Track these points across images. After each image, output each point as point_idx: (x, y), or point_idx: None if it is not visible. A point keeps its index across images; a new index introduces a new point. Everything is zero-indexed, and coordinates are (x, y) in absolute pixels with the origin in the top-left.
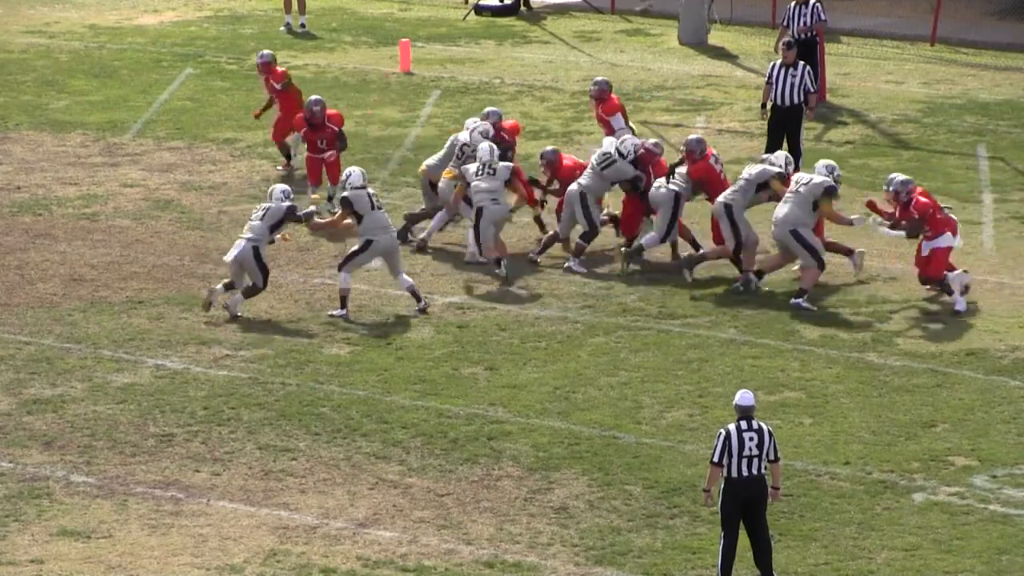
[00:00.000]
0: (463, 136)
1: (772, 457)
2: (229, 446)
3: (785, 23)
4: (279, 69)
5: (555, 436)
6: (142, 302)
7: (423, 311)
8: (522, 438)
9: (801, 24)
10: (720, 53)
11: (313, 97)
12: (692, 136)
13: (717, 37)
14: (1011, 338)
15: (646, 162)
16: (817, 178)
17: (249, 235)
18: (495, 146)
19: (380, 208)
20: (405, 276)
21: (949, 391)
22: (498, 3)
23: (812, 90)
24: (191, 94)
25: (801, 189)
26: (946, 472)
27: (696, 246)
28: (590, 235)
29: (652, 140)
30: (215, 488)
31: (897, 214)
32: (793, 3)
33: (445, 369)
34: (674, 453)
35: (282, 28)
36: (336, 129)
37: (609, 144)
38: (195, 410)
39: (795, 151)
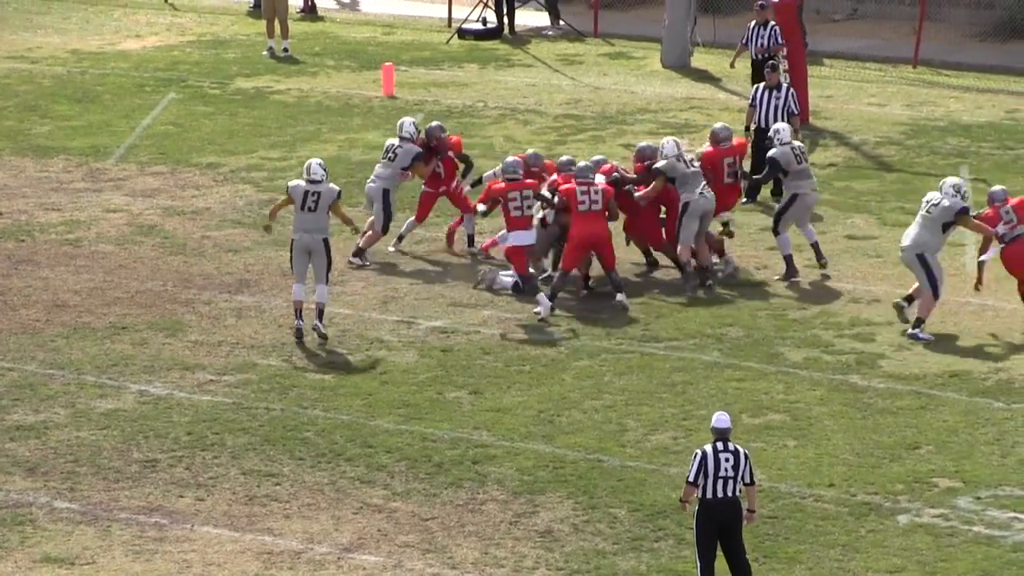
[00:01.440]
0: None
1: (748, 480)
2: (213, 471)
3: (744, 42)
4: None
5: (540, 460)
6: (125, 328)
7: (316, 330)
8: (507, 462)
9: (759, 45)
10: (703, 76)
11: (434, 123)
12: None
13: (700, 60)
14: (994, 359)
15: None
16: (946, 201)
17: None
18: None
19: (312, 209)
20: (323, 288)
21: (933, 413)
22: (481, 27)
23: (795, 112)
24: (174, 119)
25: (931, 211)
26: (930, 494)
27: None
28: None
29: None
30: (199, 514)
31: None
32: (753, 23)
33: (429, 393)
34: (659, 476)
35: (265, 52)
36: (453, 156)
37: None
38: (179, 435)
39: None
